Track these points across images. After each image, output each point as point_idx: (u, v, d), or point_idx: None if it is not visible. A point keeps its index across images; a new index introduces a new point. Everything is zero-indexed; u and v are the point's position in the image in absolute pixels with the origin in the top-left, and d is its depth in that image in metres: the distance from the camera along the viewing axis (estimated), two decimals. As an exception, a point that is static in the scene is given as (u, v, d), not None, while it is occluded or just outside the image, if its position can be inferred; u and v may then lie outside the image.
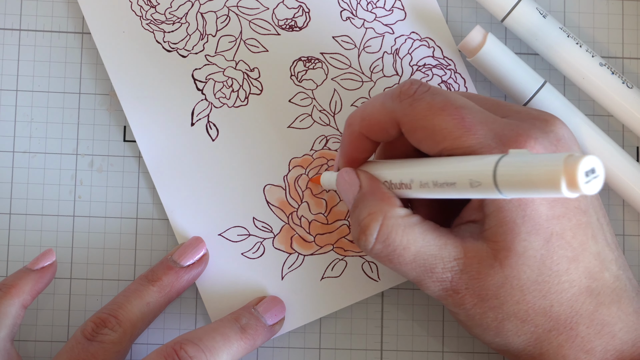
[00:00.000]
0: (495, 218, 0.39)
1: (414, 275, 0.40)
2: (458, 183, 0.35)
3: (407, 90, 0.40)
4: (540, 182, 0.31)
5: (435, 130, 0.39)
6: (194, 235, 0.48)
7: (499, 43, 0.47)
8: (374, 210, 0.40)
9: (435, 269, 0.40)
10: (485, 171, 0.33)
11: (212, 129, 0.48)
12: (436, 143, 0.39)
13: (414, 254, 0.39)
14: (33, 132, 0.49)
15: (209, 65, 0.48)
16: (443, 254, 0.39)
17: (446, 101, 0.39)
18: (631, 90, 0.46)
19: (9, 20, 0.49)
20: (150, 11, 0.48)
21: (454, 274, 0.40)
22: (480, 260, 0.39)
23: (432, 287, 0.40)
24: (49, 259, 0.45)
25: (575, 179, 0.29)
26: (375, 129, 0.41)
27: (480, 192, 0.34)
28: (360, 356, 0.48)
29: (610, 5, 0.50)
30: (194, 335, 0.43)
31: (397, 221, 0.39)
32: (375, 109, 0.41)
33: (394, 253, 0.40)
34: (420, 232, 0.40)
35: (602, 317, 0.40)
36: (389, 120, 0.40)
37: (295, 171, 0.48)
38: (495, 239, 0.39)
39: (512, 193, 0.32)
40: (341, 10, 0.49)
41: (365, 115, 0.41)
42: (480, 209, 0.40)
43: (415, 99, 0.39)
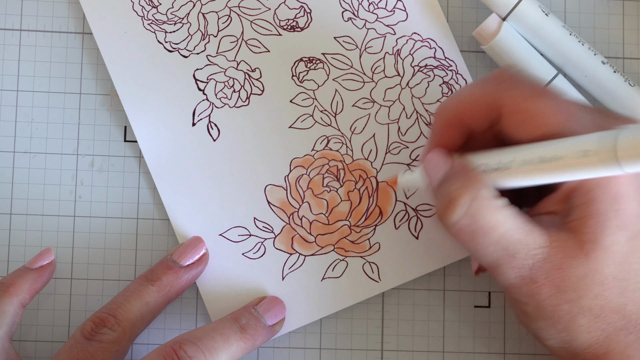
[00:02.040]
0: (585, 210, 0.38)
1: (493, 257, 0.39)
2: (568, 156, 0.34)
3: (506, 71, 0.40)
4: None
5: (538, 112, 0.38)
6: (195, 235, 0.48)
7: (514, 32, 0.47)
8: (466, 184, 0.39)
9: (518, 255, 0.39)
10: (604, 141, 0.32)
11: (213, 129, 0.48)
12: (536, 127, 0.38)
13: (500, 235, 0.38)
14: (34, 132, 0.49)
15: (210, 65, 0.48)
16: (528, 239, 0.38)
17: (546, 88, 0.38)
18: (633, 89, 0.47)
19: (10, 21, 0.49)
20: (151, 11, 0.49)
21: (536, 262, 0.39)
22: (565, 250, 0.38)
23: (509, 273, 0.39)
24: (48, 258, 0.45)
25: None
26: (474, 112, 0.40)
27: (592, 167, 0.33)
28: (361, 356, 0.48)
29: (610, 5, 0.50)
30: (194, 335, 0.43)
31: (488, 199, 0.38)
32: (474, 92, 0.40)
33: (479, 231, 0.38)
34: (510, 214, 0.38)
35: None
36: (489, 102, 0.40)
37: (296, 171, 0.48)
38: (583, 230, 0.38)
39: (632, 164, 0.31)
40: (343, 11, 0.49)
41: (462, 99, 0.41)
42: (565, 200, 0.39)
43: (515, 80, 0.39)
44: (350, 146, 0.48)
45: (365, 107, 0.49)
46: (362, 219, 0.48)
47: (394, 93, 0.48)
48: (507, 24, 0.47)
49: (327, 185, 0.48)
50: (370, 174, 0.48)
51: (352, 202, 0.48)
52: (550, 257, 0.38)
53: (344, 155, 0.48)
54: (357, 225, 0.48)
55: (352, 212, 0.48)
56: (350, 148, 0.48)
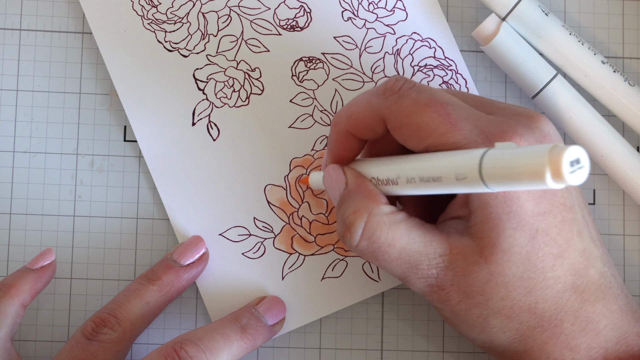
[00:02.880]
0: (480, 214, 0.39)
1: (399, 272, 0.40)
2: (444, 177, 0.35)
3: (392, 87, 0.40)
4: (525, 173, 0.30)
5: (420, 127, 0.38)
6: (195, 234, 0.48)
7: (513, 32, 0.47)
8: (359, 207, 0.40)
9: (421, 266, 0.40)
10: (471, 164, 0.33)
11: (213, 129, 0.48)
12: (422, 139, 0.39)
13: (399, 250, 0.39)
14: (33, 132, 0.49)
15: (210, 65, 0.48)
16: (428, 250, 0.39)
17: (431, 97, 0.39)
18: (633, 89, 0.47)
19: (10, 20, 0.49)
20: (151, 11, 0.49)
21: (439, 271, 0.40)
22: (466, 256, 0.39)
23: (417, 284, 0.40)
24: (48, 259, 0.45)
25: (560, 169, 0.29)
26: (361, 126, 0.41)
27: (466, 186, 0.34)
28: (361, 356, 0.48)
29: (610, 5, 0.50)
30: (194, 335, 0.43)
31: (382, 218, 0.39)
32: (361, 107, 0.41)
33: (379, 250, 0.40)
34: (406, 229, 0.39)
35: (586, 314, 0.40)
36: (375, 118, 0.40)
37: (296, 171, 0.48)
38: (481, 235, 0.39)
39: (498, 186, 0.32)
40: (342, 11, 0.49)
41: (351, 114, 0.41)
42: (466, 205, 0.40)
43: (400, 95, 0.39)
44: (350, 146, 0.48)
45: (365, 107, 0.49)
46: (362, 218, 0.48)
47: None
48: (507, 24, 0.47)
49: (327, 185, 0.48)
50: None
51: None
52: (452, 265, 0.39)
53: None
54: (357, 224, 0.48)
55: (352, 211, 0.48)
56: (350, 148, 0.48)
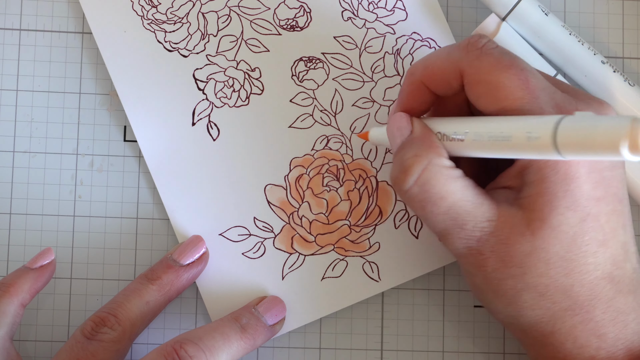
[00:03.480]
0: (536, 187, 0.38)
1: (442, 227, 0.40)
2: (514, 137, 0.35)
3: (475, 42, 0.40)
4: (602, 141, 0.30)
5: (498, 87, 0.38)
6: (195, 234, 0.48)
7: (513, 32, 0.47)
8: (420, 153, 0.39)
9: (466, 225, 0.39)
10: (546, 126, 0.33)
11: (213, 129, 0.48)
12: (496, 100, 0.38)
13: (450, 205, 0.39)
14: (33, 132, 0.49)
15: (210, 65, 0.48)
16: (477, 212, 0.39)
17: (514, 61, 0.39)
18: (633, 89, 0.47)
19: (9, 20, 0.49)
20: (151, 11, 0.49)
21: (483, 234, 0.39)
22: (513, 226, 0.39)
23: (456, 243, 0.40)
24: (48, 258, 0.45)
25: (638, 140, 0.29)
26: (438, 78, 0.41)
27: (535, 150, 0.33)
28: (361, 356, 0.48)
29: (610, 5, 0.50)
30: (194, 334, 0.43)
31: (440, 169, 0.39)
32: (440, 58, 0.41)
33: (429, 200, 0.39)
34: (461, 185, 0.39)
35: (618, 305, 0.40)
36: (453, 70, 0.40)
37: (296, 171, 0.48)
38: (533, 207, 0.38)
39: (570, 152, 0.32)
40: (342, 11, 0.49)
41: (429, 64, 0.41)
42: (519, 176, 0.39)
43: (483, 51, 0.39)
44: (350, 146, 0.48)
45: (365, 107, 0.49)
46: (362, 218, 0.48)
47: (394, 93, 0.48)
48: (506, 24, 0.47)
49: (327, 185, 0.48)
50: (370, 174, 0.48)
51: (352, 202, 0.48)
52: (497, 231, 0.39)
53: (344, 155, 0.48)
54: (357, 224, 0.48)
55: (352, 211, 0.48)
56: (350, 148, 0.48)
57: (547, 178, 0.38)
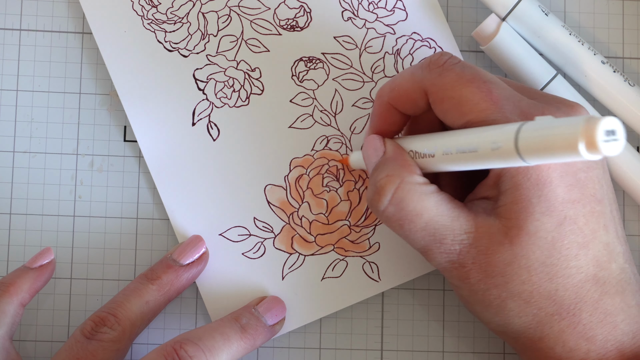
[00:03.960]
0: (510, 195, 0.39)
1: (422, 244, 0.40)
2: (480, 148, 0.35)
3: (437, 60, 0.40)
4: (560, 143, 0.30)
5: (462, 101, 0.39)
6: (195, 234, 0.48)
7: (513, 32, 0.47)
8: (392, 173, 0.40)
9: (445, 240, 0.40)
10: (507, 135, 0.33)
11: (213, 129, 0.48)
12: (462, 114, 0.39)
13: (426, 221, 0.39)
14: (33, 132, 0.49)
15: (210, 65, 0.48)
16: (454, 225, 0.39)
17: (475, 74, 0.39)
18: (633, 89, 0.47)
19: (9, 20, 0.49)
20: (151, 11, 0.49)
21: (463, 247, 0.40)
22: (491, 236, 0.39)
23: (438, 258, 0.40)
24: (47, 258, 0.45)
25: (594, 138, 0.29)
26: (404, 99, 0.41)
27: (502, 159, 0.34)
28: (361, 356, 0.48)
29: (610, 5, 0.50)
30: (194, 334, 0.43)
31: (414, 187, 0.39)
32: (405, 79, 0.41)
33: (405, 218, 0.39)
34: (435, 201, 0.39)
35: (605, 307, 0.40)
36: (418, 90, 0.40)
37: (296, 171, 0.48)
38: (509, 216, 0.39)
39: (533, 158, 0.32)
40: (342, 11, 0.49)
41: (395, 86, 0.42)
42: (496, 186, 0.40)
43: (444, 68, 0.40)
44: (350, 146, 0.48)
45: (365, 107, 0.49)
46: (362, 218, 0.48)
47: None
48: (507, 24, 0.47)
49: (327, 185, 0.48)
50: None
51: (352, 202, 0.48)
52: (476, 243, 0.39)
53: (344, 155, 0.48)
54: (356, 225, 0.48)
55: (352, 211, 0.48)
56: (350, 148, 0.48)
57: (520, 185, 0.38)
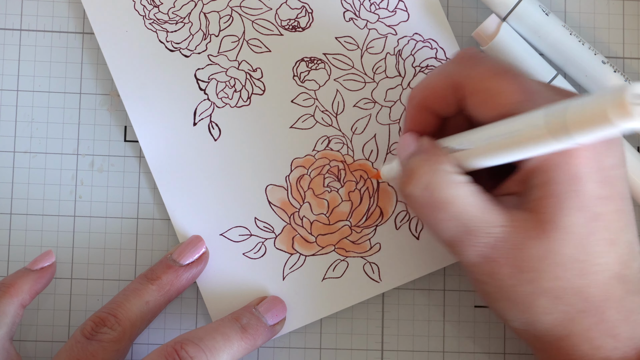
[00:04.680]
0: (543, 190, 0.38)
1: (451, 234, 0.39)
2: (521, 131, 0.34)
3: (467, 53, 0.40)
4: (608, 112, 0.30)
5: (496, 93, 0.38)
6: (195, 234, 0.48)
7: (513, 32, 0.47)
8: (427, 158, 0.39)
9: (478, 232, 0.38)
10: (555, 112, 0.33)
11: (214, 129, 0.48)
12: (496, 106, 0.38)
13: (458, 211, 0.38)
14: (34, 132, 0.49)
15: (211, 65, 0.48)
16: (488, 218, 0.38)
17: (508, 66, 0.39)
18: (634, 89, 0.47)
19: (10, 20, 0.49)
20: (153, 11, 0.49)
21: (496, 241, 0.38)
22: (525, 230, 0.38)
23: (468, 251, 0.39)
24: (49, 260, 0.45)
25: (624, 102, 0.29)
26: (437, 97, 0.41)
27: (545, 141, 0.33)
28: (361, 356, 0.48)
29: (611, 5, 0.50)
30: (195, 334, 0.43)
31: (447, 174, 0.38)
32: (436, 77, 0.41)
33: (436, 205, 0.38)
34: (469, 191, 0.38)
35: (629, 305, 0.39)
36: (451, 85, 0.40)
37: (297, 171, 0.48)
38: (542, 210, 0.38)
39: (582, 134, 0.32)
40: (344, 11, 0.49)
41: (427, 84, 0.41)
42: (525, 181, 0.39)
43: (477, 60, 0.39)
44: (351, 146, 0.48)
45: (366, 108, 0.49)
46: (363, 219, 0.48)
47: (395, 93, 0.49)
48: (507, 24, 0.47)
49: (328, 186, 0.48)
50: (371, 175, 0.48)
51: (353, 203, 0.48)
52: (510, 237, 0.38)
53: (345, 156, 0.48)
54: (357, 225, 0.48)
55: (353, 212, 0.48)
56: (351, 148, 0.48)
57: (553, 180, 0.38)
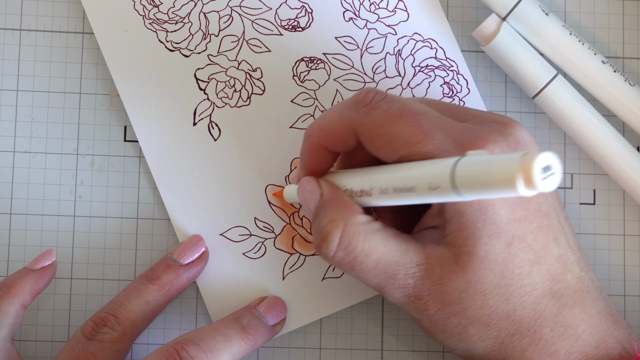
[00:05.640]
0: (456, 222, 0.38)
1: (376, 282, 0.40)
2: (417, 187, 0.35)
3: (363, 98, 0.40)
4: (497, 181, 0.30)
5: (393, 138, 0.38)
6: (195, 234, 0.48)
7: (513, 32, 0.47)
8: (335, 217, 0.39)
9: (398, 275, 0.39)
10: (443, 174, 0.33)
11: (214, 129, 0.48)
12: (394, 150, 0.38)
13: (376, 260, 0.39)
14: (34, 132, 0.49)
15: (211, 65, 0.48)
16: (405, 260, 0.39)
17: (403, 108, 0.39)
18: (633, 89, 0.47)
19: (10, 20, 0.49)
20: (153, 10, 0.49)
21: (417, 280, 0.39)
22: (442, 265, 0.39)
23: (394, 294, 0.40)
24: (49, 259, 0.45)
25: (531, 176, 0.29)
26: (334, 139, 0.41)
27: (439, 196, 0.33)
28: (361, 356, 0.48)
29: (610, 5, 0.50)
30: (195, 335, 0.43)
31: (359, 227, 0.39)
32: (333, 119, 0.41)
33: (355, 260, 0.39)
34: (382, 238, 0.39)
35: (565, 319, 0.40)
36: (347, 130, 0.40)
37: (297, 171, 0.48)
38: (457, 243, 0.38)
39: (471, 194, 0.32)
40: (344, 11, 0.49)
41: (323, 126, 0.41)
42: (441, 215, 0.39)
43: (372, 107, 0.39)
44: (351, 146, 0.48)
45: (366, 107, 0.49)
46: (363, 218, 0.48)
47: (395, 93, 0.49)
48: (507, 24, 0.47)
49: (328, 185, 0.48)
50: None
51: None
52: (429, 274, 0.39)
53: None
54: (357, 225, 0.48)
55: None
56: (351, 148, 0.48)
57: (463, 212, 0.38)
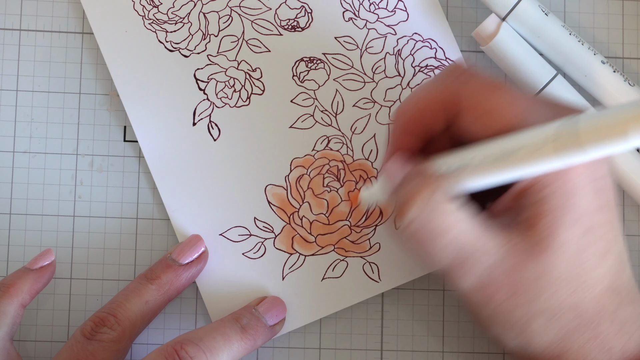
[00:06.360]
0: (538, 207, 0.37)
1: (447, 262, 0.38)
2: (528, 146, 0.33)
3: (459, 67, 0.39)
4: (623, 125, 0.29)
5: (494, 108, 0.37)
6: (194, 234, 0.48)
7: (513, 32, 0.47)
8: (417, 187, 0.38)
9: (472, 257, 0.38)
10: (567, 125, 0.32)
11: (213, 129, 0.48)
12: (494, 122, 0.37)
13: (453, 238, 0.37)
14: (33, 132, 0.49)
15: (211, 65, 0.48)
16: (484, 242, 0.38)
17: (502, 81, 0.38)
18: (633, 89, 0.47)
19: (9, 20, 0.49)
20: (152, 11, 0.49)
21: (491, 265, 0.38)
22: (521, 251, 0.37)
23: (465, 278, 0.38)
24: (48, 259, 0.45)
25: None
26: (431, 110, 0.40)
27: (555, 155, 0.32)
28: (361, 356, 0.48)
29: (610, 5, 0.50)
30: (195, 335, 0.43)
31: (441, 202, 0.37)
32: (428, 93, 0.40)
33: (431, 234, 0.37)
34: (463, 217, 0.38)
35: (622, 316, 0.39)
36: (446, 98, 0.39)
37: (296, 171, 0.48)
38: (538, 228, 0.37)
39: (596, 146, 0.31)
40: (344, 11, 0.49)
41: (417, 101, 0.40)
42: (518, 199, 0.38)
43: (470, 75, 0.38)
44: (351, 146, 0.48)
45: (365, 107, 0.49)
46: (363, 219, 0.48)
47: (394, 93, 0.49)
48: (507, 24, 0.47)
49: (328, 185, 0.48)
50: (370, 175, 0.48)
51: (353, 202, 0.48)
52: (506, 260, 0.38)
53: (345, 156, 0.48)
54: (357, 225, 0.48)
55: (353, 212, 0.48)
56: (351, 148, 0.48)
57: (548, 197, 0.37)
